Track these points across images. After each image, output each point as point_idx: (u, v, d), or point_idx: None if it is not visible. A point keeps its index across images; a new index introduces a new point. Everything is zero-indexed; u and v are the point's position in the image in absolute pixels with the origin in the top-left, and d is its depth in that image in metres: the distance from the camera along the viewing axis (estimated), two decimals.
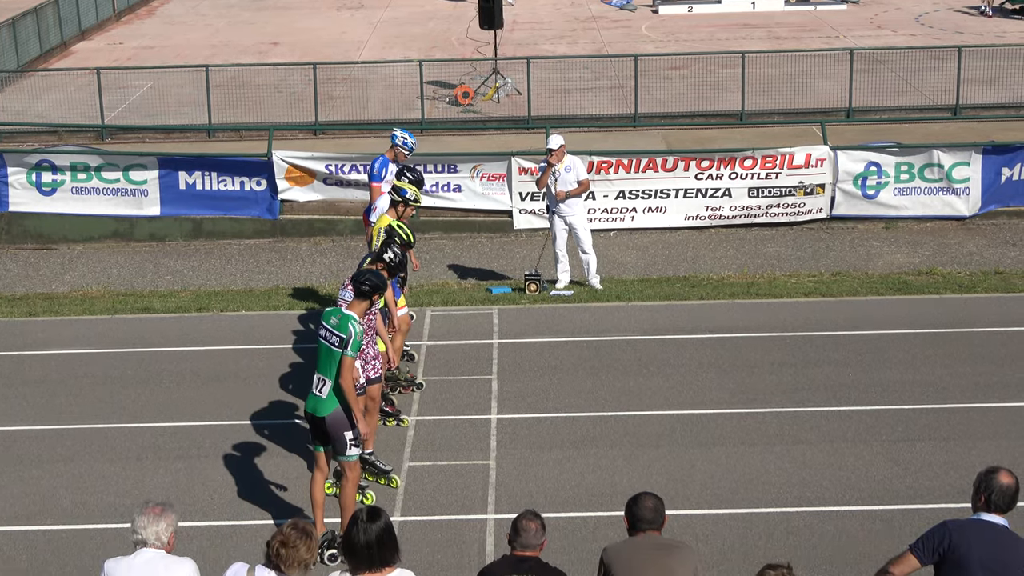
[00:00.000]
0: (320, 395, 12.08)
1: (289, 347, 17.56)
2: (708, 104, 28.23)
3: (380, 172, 17.52)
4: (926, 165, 22.71)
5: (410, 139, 17.69)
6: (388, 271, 13.42)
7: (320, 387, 12.10)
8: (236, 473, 14.03)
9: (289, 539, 8.36)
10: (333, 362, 12.01)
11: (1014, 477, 8.87)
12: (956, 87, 27.55)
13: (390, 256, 13.43)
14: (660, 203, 22.84)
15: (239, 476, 13.95)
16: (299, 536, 8.38)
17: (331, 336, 12.04)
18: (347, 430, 12.04)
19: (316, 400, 12.12)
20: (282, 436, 14.89)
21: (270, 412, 15.51)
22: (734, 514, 13.05)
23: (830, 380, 16.01)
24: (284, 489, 13.59)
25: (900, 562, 8.96)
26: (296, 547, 8.34)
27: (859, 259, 21.16)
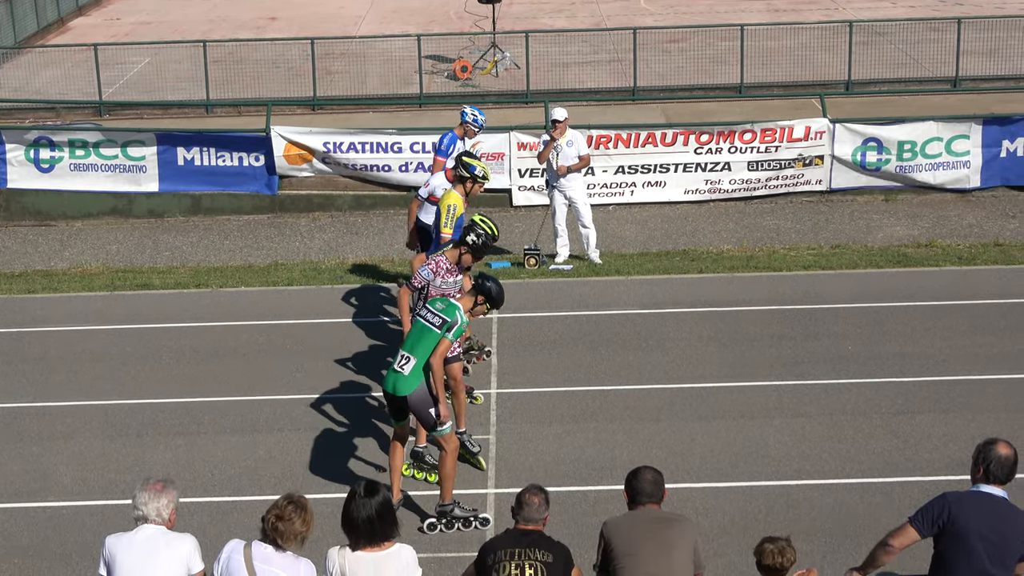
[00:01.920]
0: (402, 372, 11.94)
1: (288, 322, 17.56)
2: (707, 77, 28.16)
3: (448, 147, 17.29)
4: (927, 139, 22.64)
5: (480, 116, 17.50)
6: (472, 254, 13.23)
7: (403, 363, 11.95)
8: (236, 449, 14.04)
9: (285, 513, 8.36)
10: (425, 341, 11.90)
11: (1012, 448, 8.89)
12: (956, 59, 27.47)
13: (473, 238, 13.13)
14: (659, 177, 22.79)
15: (239, 452, 13.97)
16: (295, 510, 8.38)
17: (432, 316, 11.97)
18: (431, 407, 11.93)
19: (397, 377, 11.97)
20: (283, 411, 14.90)
21: (270, 387, 15.52)
22: (734, 487, 13.07)
23: (829, 353, 16.01)
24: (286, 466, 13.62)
25: (899, 534, 8.99)
26: (292, 520, 8.34)
27: (858, 232, 21.14)
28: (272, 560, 8.33)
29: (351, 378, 15.71)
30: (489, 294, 12.30)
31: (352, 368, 15.97)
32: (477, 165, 15.15)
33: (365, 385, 15.49)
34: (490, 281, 12.37)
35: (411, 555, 8.53)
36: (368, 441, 14.09)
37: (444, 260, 13.21)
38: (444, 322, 11.91)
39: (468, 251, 13.18)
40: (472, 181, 15.05)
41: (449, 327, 11.89)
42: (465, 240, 13.17)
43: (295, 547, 8.40)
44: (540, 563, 8.64)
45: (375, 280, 19.28)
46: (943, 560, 8.86)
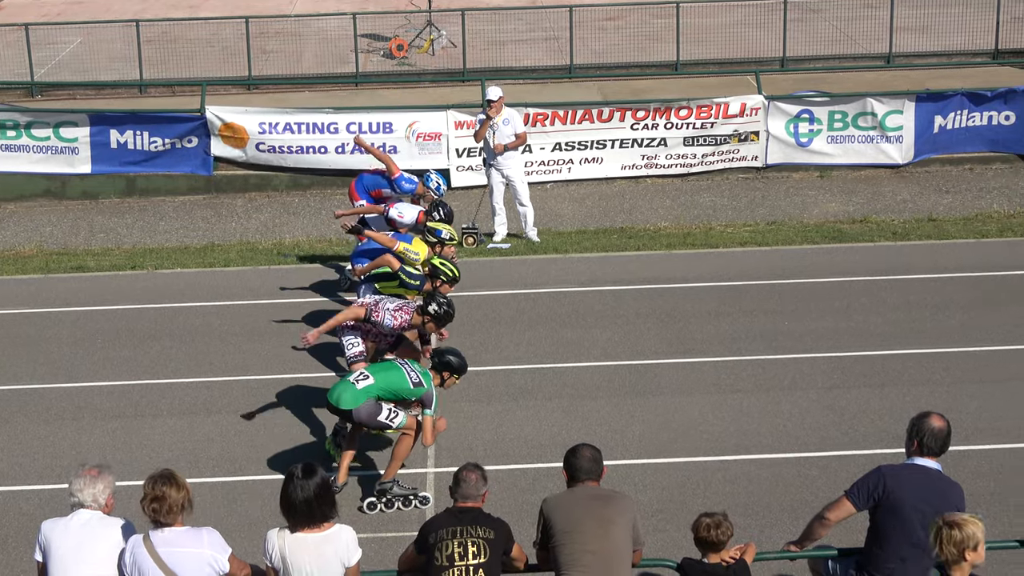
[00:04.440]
0: (355, 384, 11.96)
1: (225, 304, 17.46)
2: (643, 55, 28.20)
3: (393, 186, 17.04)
4: (859, 114, 22.81)
5: (443, 185, 17.31)
6: (435, 323, 12.99)
7: (361, 379, 12.00)
8: (174, 432, 13.95)
9: (156, 492, 8.26)
10: (391, 378, 11.96)
11: (946, 421, 8.99)
12: (889, 35, 27.66)
13: (435, 308, 12.89)
14: (596, 154, 22.83)
15: (177, 435, 13.88)
16: (164, 482, 8.29)
17: (411, 372, 12.03)
18: (379, 413, 11.96)
19: (345, 388, 11.98)
20: (220, 393, 14.83)
21: (207, 369, 15.43)
22: (672, 463, 13.14)
23: (766, 329, 16.11)
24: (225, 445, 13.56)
25: (836, 507, 9.07)
26: (165, 496, 8.26)
27: (794, 208, 21.27)
28: (174, 541, 8.26)
29: (289, 359, 15.65)
30: (451, 367, 12.23)
31: (290, 349, 15.90)
32: (443, 228, 15.06)
33: (303, 366, 15.43)
34: (448, 355, 12.26)
35: (351, 536, 8.51)
36: (306, 423, 14.05)
37: (408, 320, 12.94)
38: (420, 384, 11.95)
39: (431, 320, 12.95)
40: (440, 244, 14.93)
41: (426, 398, 11.95)
42: (427, 311, 12.89)
43: (186, 516, 8.33)
44: (482, 540, 8.65)
45: (312, 261, 19.21)
46: (879, 532, 8.95)
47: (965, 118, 22.88)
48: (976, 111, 22.90)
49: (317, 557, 8.37)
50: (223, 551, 8.35)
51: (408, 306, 12.99)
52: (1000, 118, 22.88)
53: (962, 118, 22.87)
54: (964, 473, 11.78)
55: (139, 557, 8.26)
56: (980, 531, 7.82)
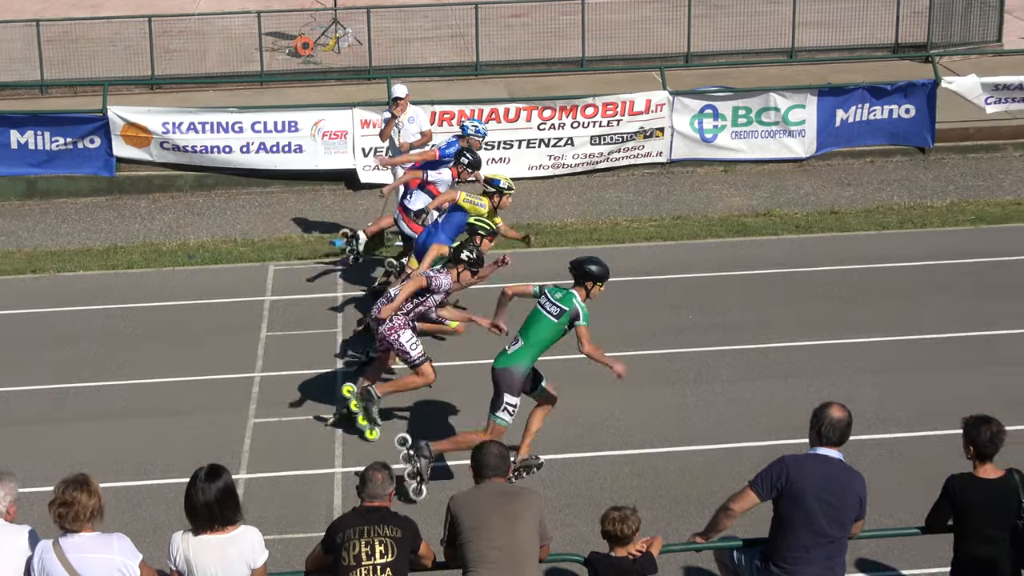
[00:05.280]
0: (506, 351, 12.41)
1: (129, 306, 17.29)
2: (550, 51, 28.24)
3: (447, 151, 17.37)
4: (763, 109, 22.99)
5: (480, 125, 17.98)
6: (469, 270, 13.52)
7: (513, 344, 12.43)
8: (78, 437, 13.81)
9: (66, 497, 8.17)
10: (537, 327, 12.32)
11: (846, 411, 9.10)
12: (792, 30, 27.90)
13: (467, 255, 13.47)
14: (503, 154, 22.80)
15: (82, 440, 13.74)
16: (75, 488, 8.20)
17: (551, 306, 12.35)
18: (510, 392, 12.27)
19: (501, 355, 12.44)
20: (125, 397, 14.69)
21: (112, 373, 15.28)
22: (579, 458, 13.23)
23: (671, 323, 16.24)
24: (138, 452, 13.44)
25: (740, 498, 9.16)
26: (74, 501, 8.17)
27: (699, 202, 21.40)
28: (83, 547, 8.17)
29: (196, 361, 15.54)
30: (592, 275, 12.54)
31: (196, 350, 15.79)
32: (502, 179, 15.95)
33: (210, 367, 15.33)
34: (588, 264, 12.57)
35: (257, 537, 8.47)
36: (215, 425, 13.96)
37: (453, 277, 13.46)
38: (562, 311, 12.25)
39: (465, 268, 13.45)
40: (499, 194, 15.70)
41: (573, 314, 12.23)
42: (460, 258, 13.44)
43: (97, 524, 8.25)
44: (389, 539, 8.65)
45: (218, 262, 19.07)
46: (782, 522, 9.05)
47: (866, 112, 23.15)
48: (877, 105, 23.15)
49: (222, 559, 8.32)
50: (134, 557, 8.27)
51: (443, 269, 13.54)
52: (900, 111, 23.15)
53: (863, 112, 23.13)
54: (866, 462, 11.96)
55: (48, 563, 8.17)
56: None
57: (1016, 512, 9.00)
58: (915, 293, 17.13)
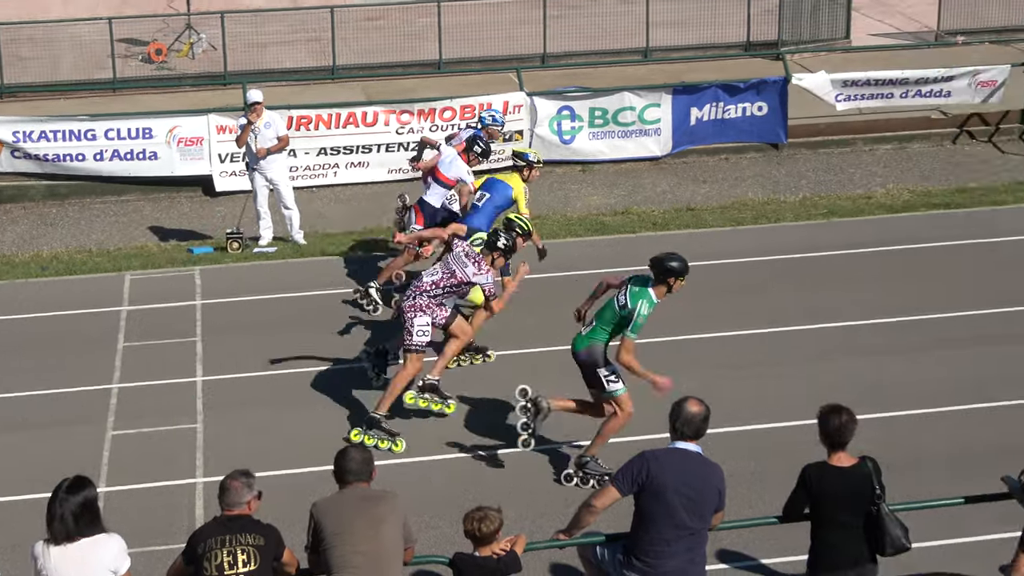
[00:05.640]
0: (582, 332, 12.80)
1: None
2: (407, 54, 28.22)
3: None
4: (619, 109, 23.21)
5: (497, 113, 18.42)
6: (504, 256, 13.97)
7: (587, 326, 12.81)
8: None
9: None
10: (606, 312, 12.67)
11: (703, 405, 9.24)
12: (646, 30, 28.21)
13: (504, 242, 13.83)
14: (362, 158, 22.73)
15: None
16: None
17: (622, 296, 12.61)
18: (598, 365, 12.58)
19: (577, 336, 12.81)
20: None
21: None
22: (443, 460, 13.25)
23: (527, 323, 16.31)
24: None
25: (602, 494, 9.26)
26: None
27: (558, 202, 21.53)
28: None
29: (52, 374, 15.26)
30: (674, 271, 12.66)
31: (52, 363, 15.51)
32: (531, 152, 16.61)
33: (66, 379, 15.07)
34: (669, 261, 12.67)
35: (119, 546, 8.38)
36: (72, 437, 13.73)
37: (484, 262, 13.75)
38: (625, 306, 12.49)
39: (500, 254, 13.85)
40: (529, 167, 16.19)
41: (630, 317, 12.42)
42: (496, 246, 13.80)
43: None
44: (252, 547, 8.59)
45: (73, 272, 18.75)
46: (644, 516, 9.16)
47: (720, 110, 23.49)
48: (730, 103, 23.51)
49: (81, 567, 8.23)
50: None
51: (478, 256, 13.74)
52: (753, 109, 23.54)
53: (717, 110, 23.47)
54: (724, 454, 12.10)
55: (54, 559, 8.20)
56: None
57: (870, 498, 9.20)
58: (770, 287, 17.42)
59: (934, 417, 14.07)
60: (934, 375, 14.86)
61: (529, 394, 12.97)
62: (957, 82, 23.88)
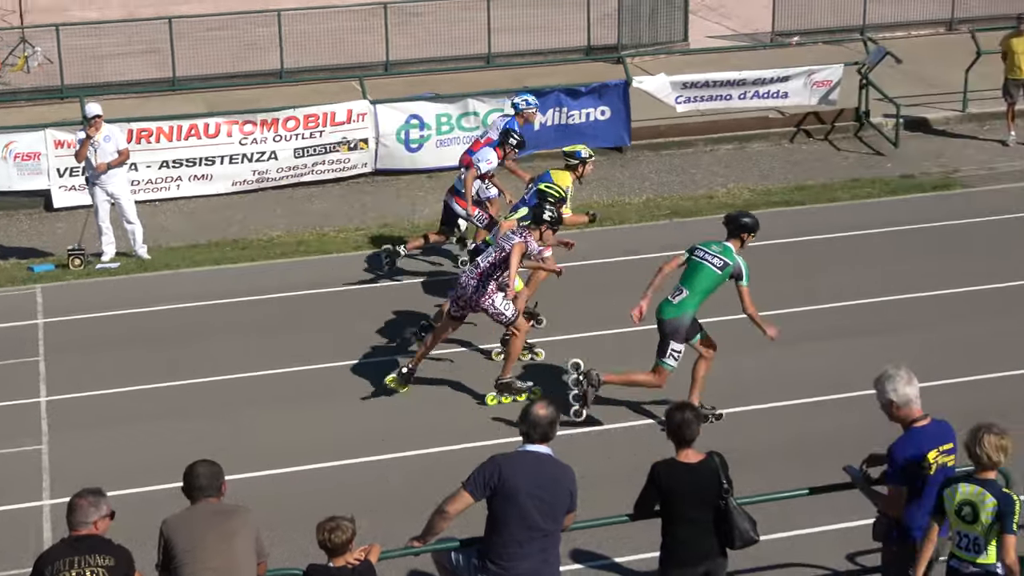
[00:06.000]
0: (672, 301, 13.40)
1: None
2: (248, 64, 27.98)
3: None
4: (463, 114, 23.24)
5: (530, 96, 19.42)
6: (552, 229, 14.55)
7: (677, 295, 13.39)
8: None
9: None
10: (700, 278, 13.28)
11: (550, 409, 9.31)
12: (488, 36, 28.33)
13: (549, 215, 14.44)
14: (205, 170, 22.42)
15: None
16: None
17: (712, 258, 13.30)
18: (675, 339, 13.33)
19: (666, 304, 13.43)
20: None
21: None
22: (294, 472, 13.17)
23: (373, 330, 16.32)
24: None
25: (454, 500, 9.28)
26: None
27: (404, 209, 21.49)
28: None
29: None
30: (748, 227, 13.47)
31: None
32: (582, 149, 17.03)
33: None
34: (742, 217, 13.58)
35: None
36: None
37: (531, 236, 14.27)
38: (726, 264, 13.20)
39: (547, 227, 14.45)
40: (582, 164, 16.75)
41: (736, 272, 13.18)
42: (543, 219, 14.37)
43: None
44: (102, 568, 8.46)
45: None
46: (497, 520, 9.20)
47: (564, 114, 23.66)
48: (574, 107, 23.69)
49: None
50: None
51: (524, 231, 14.22)
52: (596, 113, 23.76)
53: (560, 114, 23.64)
54: (575, 454, 12.21)
55: None
56: None
57: (718, 493, 9.37)
58: (613, 289, 17.60)
59: (779, 411, 14.38)
60: (784, 369, 15.18)
61: (581, 367, 13.62)
62: (793, 82, 24.40)
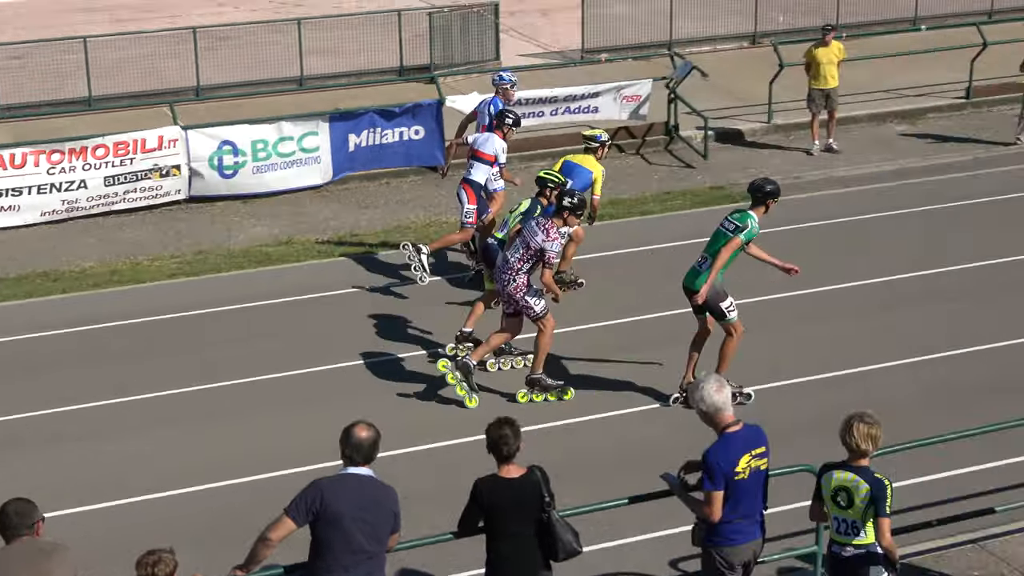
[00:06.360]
0: (700, 270, 14.45)
1: None
2: (54, 92, 27.43)
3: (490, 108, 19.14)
4: (279, 139, 23.01)
5: (506, 73, 20.03)
6: (574, 214, 15.05)
7: (703, 263, 14.46)
8: None
9: None
10: (719, 244, 14.33)
11: (372, 429, 9.28)
12: (300, 59, 28.20)
13: (569, 201, 14.92)
14: (12, 201, 21.82)
15: None
16: None
17: (728, 224, 14.41)
18: (718, 300, 14.38)
19: (695, 275, 14.47)
20: None
21: None
22: (116, 506, 12.99)
23: (204, 359, 16.17)
24: None
25: (277, 526, 9.22)
26: None
27: (220, 236, 21.23)
28: None
29: None
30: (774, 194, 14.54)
31: None
32: (601, 132, 18.43)
33: None
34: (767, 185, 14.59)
35: None
36: None
37: (553, 227, 14.78)
38: (737, 227, 14.27)
39: (570, 213, 14.93)
40: (602, 147, 18.02)
41: (741, 231, 14.21)
42: (564, 207, 14.90)
43: None
44: None
45: None
46: (321, 544, 9.18)
47: (378, 135, 23.63)
48: (388, 127, 23.67)
49: None
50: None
51: (546, 224, 14.79)
52: (410, 132, 23.75)
53: (375, 135, 23.60)
54: (398, 474, 12.22)
55: None
56: None
57: (540, 507, 9.47)
58: (410, 307, 17.74)
59: (598, 422, 14.62)
60: (590, 383, 15.49)
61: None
62: (604, 98, 24.78)
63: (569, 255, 17.73)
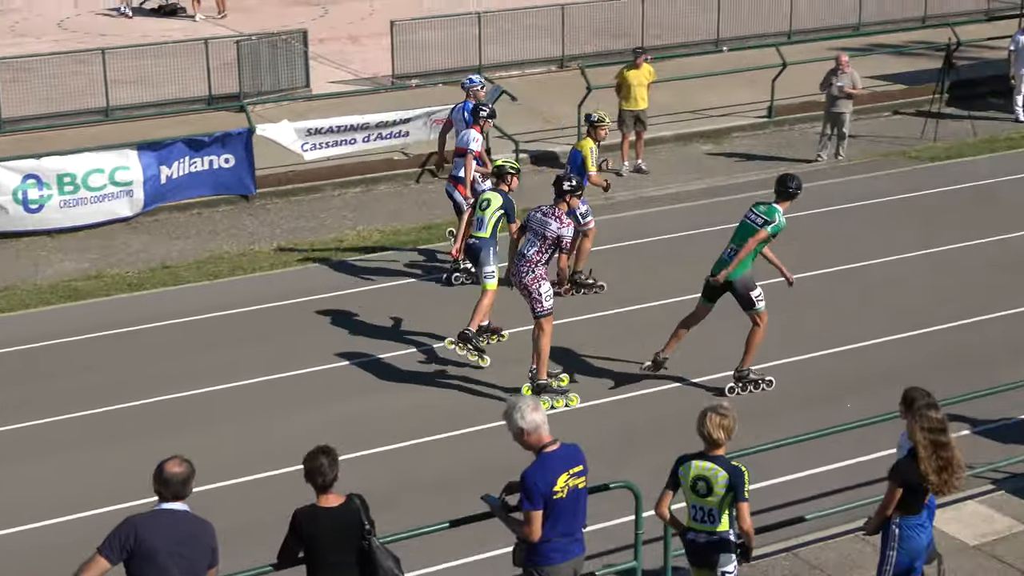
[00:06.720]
0: (727, 258, 15.11)
1: None
2: None
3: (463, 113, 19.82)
4: (89, 172, 22.48)
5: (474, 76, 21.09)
6: (577, 196, 15.68)
7: (731, 253, 15.06)
8: None
9: None
10: (741, 233, 15.06)
11: (184, 464, 9.12)
12: (105, 89, 27.70)
13: (569, 185, 15.47)
14: None
15: None
16: None
17: (756, 217, 15.00)
18: (748, 288, 15.08)
19: (721, 264, 15.18)
20: None
21: None
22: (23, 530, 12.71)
23: (14, 396, 15.83)
24: None
25: (90, 566, 8.97)
26: None
27: (26, 271, 20.70)
28: None
29: None
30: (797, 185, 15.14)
31: None
32: (595, 113, 19.19)
33: None
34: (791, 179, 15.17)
35: None
36: None
37: (562, 213, 15.28)
38: (765, 220, 14.86)
39: (570, 195, 15.47)
40: (595, 128, 18.78)
41: (768, 224, 14.86)
42: (565, 190, 15.42)
43: None
44: None
45: None
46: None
47: (188, 164, 23.31)
48: (197, 156, 23.35)
49: None
50: None
51: (554, 211, 15.26)
52: (220, 161, 23.49)
53: (185, 165, 23.27)
54: (214, 507, 12.05)
55: None
56: None
57: (360, 535, 9.43)
58: (247, 339, 17.58)
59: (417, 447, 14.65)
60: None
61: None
62: (414, 123, 24.84)
63: (585, 250, 18.56)
